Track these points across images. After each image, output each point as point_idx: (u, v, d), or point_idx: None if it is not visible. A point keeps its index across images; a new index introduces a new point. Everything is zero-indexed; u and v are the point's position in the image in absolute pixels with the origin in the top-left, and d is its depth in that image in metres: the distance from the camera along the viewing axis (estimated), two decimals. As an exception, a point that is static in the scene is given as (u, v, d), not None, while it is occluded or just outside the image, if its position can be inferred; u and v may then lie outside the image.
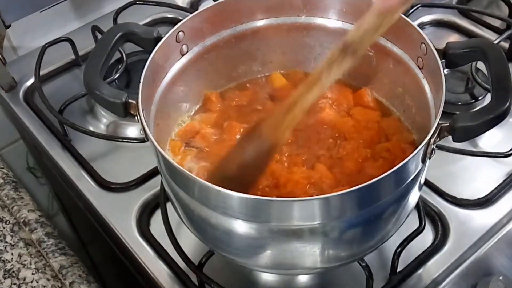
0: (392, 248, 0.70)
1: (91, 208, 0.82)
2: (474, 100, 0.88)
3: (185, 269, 0.73)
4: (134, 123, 0.89)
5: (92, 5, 1.08)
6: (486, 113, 0.58)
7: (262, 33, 0.77)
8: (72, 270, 0.76)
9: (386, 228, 0.63)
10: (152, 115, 0.68)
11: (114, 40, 0.67)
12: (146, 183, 0.83)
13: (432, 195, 0.79)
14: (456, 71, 0.91)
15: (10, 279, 0.75)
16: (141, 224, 0.79)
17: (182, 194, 0.61)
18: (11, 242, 0.79)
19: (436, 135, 0.58)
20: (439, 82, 0.61)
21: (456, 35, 1.02)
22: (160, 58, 0.68)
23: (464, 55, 0.65)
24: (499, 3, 1.06)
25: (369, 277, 0.67)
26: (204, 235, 0.66)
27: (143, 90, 0.63)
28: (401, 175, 0.58)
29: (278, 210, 0.56)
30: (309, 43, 0.78)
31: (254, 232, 0.59)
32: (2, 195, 0.86)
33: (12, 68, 0.98)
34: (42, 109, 0.92)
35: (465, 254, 0.74)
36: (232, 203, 0.56)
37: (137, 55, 0.97)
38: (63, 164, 0.87)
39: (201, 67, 0.76)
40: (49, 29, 1.04)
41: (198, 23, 0.72)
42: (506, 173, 0.81)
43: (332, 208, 0.56)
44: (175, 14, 1.07)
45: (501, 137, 0.85)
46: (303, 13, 0.76)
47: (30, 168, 1.15)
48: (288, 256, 0.61)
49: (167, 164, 0.59)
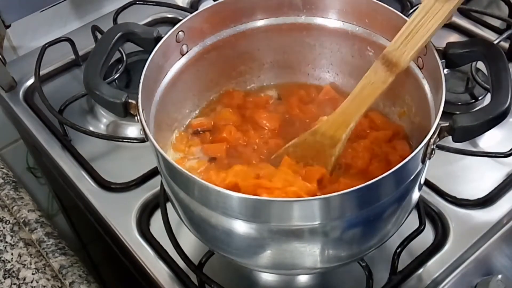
0: (392, 248, 0.70)
1: (91, 208, 0.82)
2: (474, 100, 0.88)
3: (185, 269, 0.73)
4: (134, 123, 0.89)
5: (92, 5, 1.08)
6: (486, 113, 0.58)
7: (262, 33, 0.77)
8: (72, 270, 0.76)
9: (386, 228, 0.63)
10: (152, 115, 0.67)
11: (114, 40, 0.68)
12: (146, 183, 0.83)
13: (432, 195, 0.79)
14: (456, 71, 0.91)
15: (10, 279, 0.75)
16: (141, 224, 0.79)
17: (182, 194, 0.61)
18: (11, 242, 0.79)
19: (436, 135, 0.58)
20: (439, 82, 0.61)
21: (456, 35, 1.02)
22: (160, 58, 0.68)
23: (464, 55, 0.65)
24: (499, 3, 1.06)
25: (369, 277, 0.67)
26: (204, 235, 0.66)
27: (143, 90, 0.63)
28: (401, 175, 0.58)
29: (278, 210, 0.56)
30: (309, 43, 0.78)
31: (254, 232, 0.59)
32: (2, 195, 0.86)
33: (12, 68, 0.98)
34: (42, 109, 0.92)
35: (465, 254, 0.74)
36: (232, 203, 0.56)
37: (137, 55, 0.97)
38: (63, 164, 0.87)
39: (201, 67, 0.76)
40: (49, 29, 1.04)
41: (198, 23, 0.72)
42: (506, 173, 0.81)
43: (332, 208, 0.56)
44: (175, 14, 1.07)
45: (501, 137, 0.85)
46: (303, 13, 0.76)
47: (30, 168, 1.15)
48: (288, 256, 0.61)
49: (167, 164, 0.59)
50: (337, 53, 0.78)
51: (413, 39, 0.63)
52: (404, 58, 0.64)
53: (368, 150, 0.70)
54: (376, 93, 0.66)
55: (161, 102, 0.70)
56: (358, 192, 0.54)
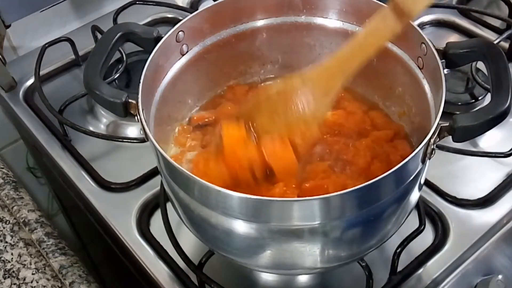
0: (392, 248, 0.70)
1: (91, 208, 0.82)
2: (474, 100, 0.88)
3: (185, 269, 0.73)
4: (134, 123, 0.89)
5: (92, 5, 1.08)
6: (486, 113, 0.58)
7: (262, 33, 0.77)
8: (72, 270, 0.76)
9: (386, 228, 0.63)
10: (152, 115, 0.67)
11: (114, 40, 0.67)
12: (146, 183, 0.83)
13: (432, 195, 0.79)
14: (456, 71, 0.91)
15: (10, 279, 0.75)
16: (141, 224, 0.79)
17: (182, 194, 0.61)
18: (11, 242, 0.79)
19: (436, 135, 0.58)
20: (439, 82, 0.61)
21: (456, 35, 1.02)
22: (160, 58, 0.68)
23: (464, 55, 0.65)
24: (499, 3, 1.06)
25: (369, 277, 0.67)
26: (204, 235, 0.66)
27: (143, 90, 0.63)
28: (401, 175, 0.58)
29: (278, 210, 0.56)
30: (309, 43, 0.78)
31: (254, 232, 0.59)
32: (2, 195, 0.86)
33: (12, 68, 0.98)
34: (42, 109, 0.92)
35: (465, 254, 0.74)
36: (232, 203, 0.56)
37: (137, 55, 0.97)
38: (63, 164, 0.87)
39: (201, 67, 0.75)
40: (49, 29, 1.04)
41: (198, 23, 0.72)
42: (506, 173, 0.81)
43: (332, 208, 0.56)
44: (175, 14, 1.07)
45: (501, 137, 0.85)
46: (303, 13, 0.76)
47: (30, 168, 1.15)
48: (288, 256, 0.61)
49: (167, 164, 0.59)
50: (337, 53, 0.78)
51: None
52: (416, 7, 0.60)
53: (369, 149, 0.69)
54: (381, 41, 0.63)
55: (161, 102, 0.70)
56: (358, 192, 0.54)
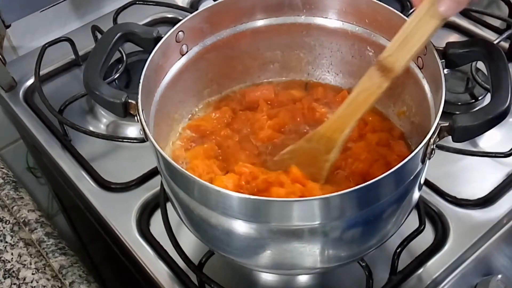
0: (392, 248, 0.70)
1: (91, 208, 0.82)
2: (474, 100, 0.88)
3: (185, 269, 0.73)
4: (134, 123, 0.89)
5: (92, 5, 1.08)
6: (486, 113, 0.58)
7: (262, 33, 0.77)
8: (72, 270, 0.76)
9: (386, 228, 0.63)
10: (152, 115, 0.68)
11: (114, 40, 0.68)
12: (146, 183, 0.83)
13: (432, 195, 0.79)
14: (456, 71, 0.91)
15: (10, 279, 0.75)
16: (141, 224, 0.79)
17: (182, 194, 0.61)
18: (11, 242, 0.79)
19: (436, 135, 0.58)
20: (439, 82, 0.61)
21: (456, 35, 1.02)
22: (160, 58, 0.68)
23: (464, 55, 0.65)
24: (499, 3, 1.06)
25: (369, 277, 0.67)
26: (204, 235, 0.66)
27: (143, 90, 0.63)
28: (400, 175, 0.58)
29: (278, 210, 0.56)
30: (309, 43, 0.78)
31: (254, 232, 0.59)
32: (2, 195, 0.86)
33: (12, 68, 0.98)
34: (42, 109, 0.92)
35: (465, 254, 0.74)
36: (232, 203, 0.56)
37: (137, 55, 0.98)
38: (63, 164, 0.87)
39: (201, 67, 0.76)
40: (49, 29, 1.04)
41: (198, 23, 0.72)
42: (506, 173, 0.81)
43: (332, 208, 0.56)
44: (175, 14, 1.07)
45: (501, 137, 0.85)
46: (303, 13, 0.76)
47: (30, 168, 1.15)
48: (288, 256, 0.61)
49: (167, 164, 0.59)
50: (337, 53, 0.78)
51: (408, 44, 0.63)
52: (399, 63, 0.63)
53: (366, 151, 0.69)
54: (371, 98, 0.65)
55: (161, 102, 0.70)
56: (358, 192, 0.54)
